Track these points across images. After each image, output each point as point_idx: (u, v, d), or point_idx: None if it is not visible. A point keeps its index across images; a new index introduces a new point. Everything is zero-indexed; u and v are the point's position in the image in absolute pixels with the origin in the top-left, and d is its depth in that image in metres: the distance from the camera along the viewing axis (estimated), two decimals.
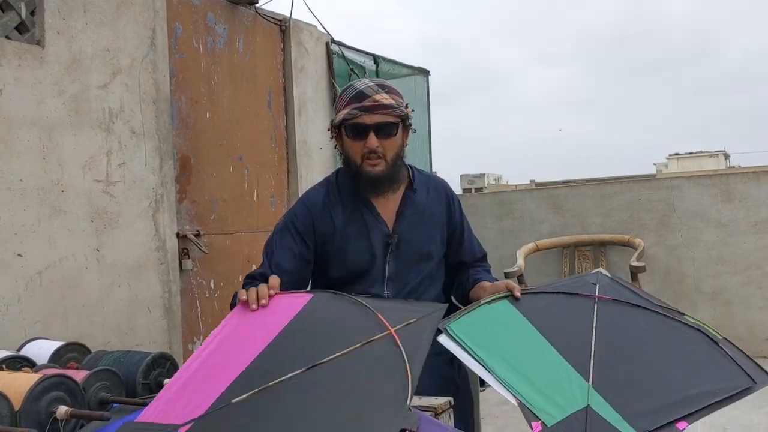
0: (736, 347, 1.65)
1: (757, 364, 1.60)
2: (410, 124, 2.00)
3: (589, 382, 1.45)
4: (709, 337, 1.66)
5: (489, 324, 1.66)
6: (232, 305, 1.81)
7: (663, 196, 5.23)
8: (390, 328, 1.40)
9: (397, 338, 1.36)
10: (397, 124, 1.93)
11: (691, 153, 40.24)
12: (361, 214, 1.99)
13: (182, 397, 1.27)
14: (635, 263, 4.52)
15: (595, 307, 1.72)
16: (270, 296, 1.59)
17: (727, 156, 39.66)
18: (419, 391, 1.59)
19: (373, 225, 1.98)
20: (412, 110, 2.00)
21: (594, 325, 1.64)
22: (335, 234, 1.97)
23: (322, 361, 1.31)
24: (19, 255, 2.51)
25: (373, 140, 1.88)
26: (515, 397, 1.41)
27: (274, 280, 1.66)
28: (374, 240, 1.97)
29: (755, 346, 4.92)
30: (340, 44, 4.52)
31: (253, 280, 1.88)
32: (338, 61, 4.50)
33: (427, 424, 1.21)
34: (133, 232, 2.94)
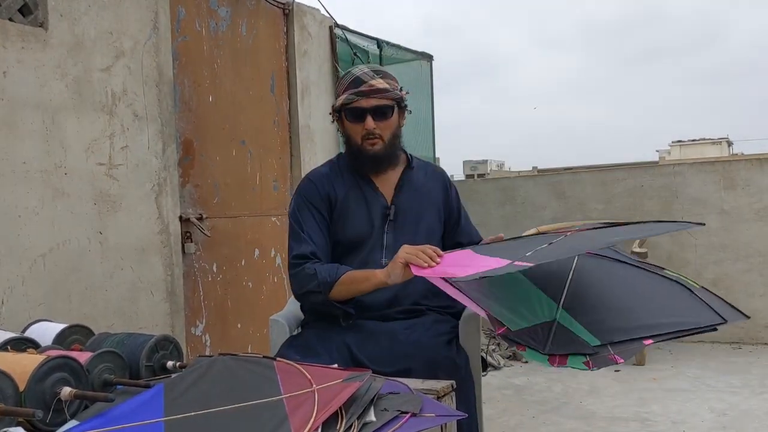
0: (712, 293, 1.71)
1: (731, 305, 1.67)
2: (405, 106, 2.13)
3: (559, 304, 1.54)
4: (685, 286, 1.72)
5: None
6: (326, 284, 1.93)
7: (666, 183, 5.23)
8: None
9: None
10: (392, 106, 2.06)
11: (693, 140, 40.09)
12: (360, 189, 2.12)
13: None
14: (637, 249, 4.52)
15: (576, 257, 1.78)
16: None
17: (730, 143, 39.50)
18: (421, 375, 1.61)
19: (372, 198, 2.11)
20: (407, 92, 2.14)
21: (573, 268, 1.71)
22: (336, 205, 2.10)
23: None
24: (23, 237, 2.52)
25: (370, 122, 2.03)
26: (483, 309, 1.50)
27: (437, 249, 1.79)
28: (373, 211, 2.09)
29: (755, 332, 4.94)
30: (343, 28, 4.50)
31: (305, 259, 1.99)
32: (341, 45, 4.48)
33: (430, 406, 1.22)
34: (135, 215, 2.94)
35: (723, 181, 5.04)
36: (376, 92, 2.01)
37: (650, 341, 1.49)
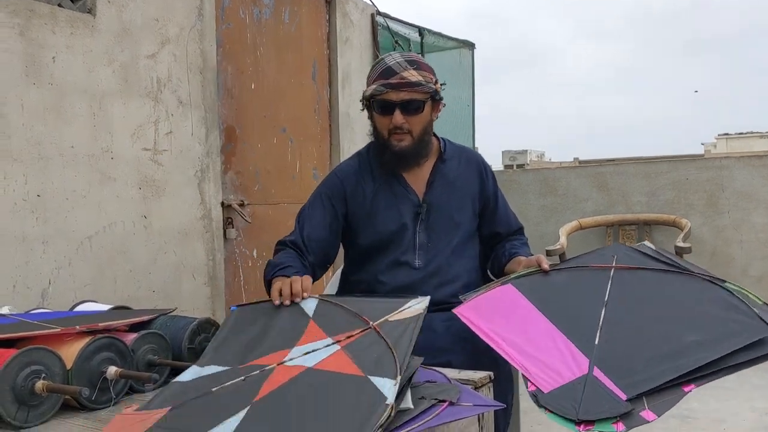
0: None
1: None
2: (440, 99, 2.01)
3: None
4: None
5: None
6: (265, 276, 1.89)
7: (711, 176, 5.11)
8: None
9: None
10: (424, 101, 1.94)
11: (740, 133, 39.07)
12: (390, 185, 2.03)
13: None
14: (681, 244, 4.43)
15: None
16: (303, 297, 1.62)
17: None
18: (459, 365, 1.60)
19: (403, 195, 2.02)
20: (443, 85, 2.02)
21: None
22: (365, 204, 2.02)
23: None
24: (70, 220, 2.58)
25: (398, 117, 1.91)
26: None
27: (308, 281, 1.69)
28: (403, 210, 2.01)
29: None
30: (385, 16, 4.49)
31: (284, 246, 2.01)
32: (383, 33, 4.47)
33: (467, 395, 1.22)
34: (179, 200, 2.99)
35: None
36: (407, 85, 1.89)
37: (692, 386, 1.41)
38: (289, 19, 3.75)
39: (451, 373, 1.42)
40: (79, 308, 1.83)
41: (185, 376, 1.33)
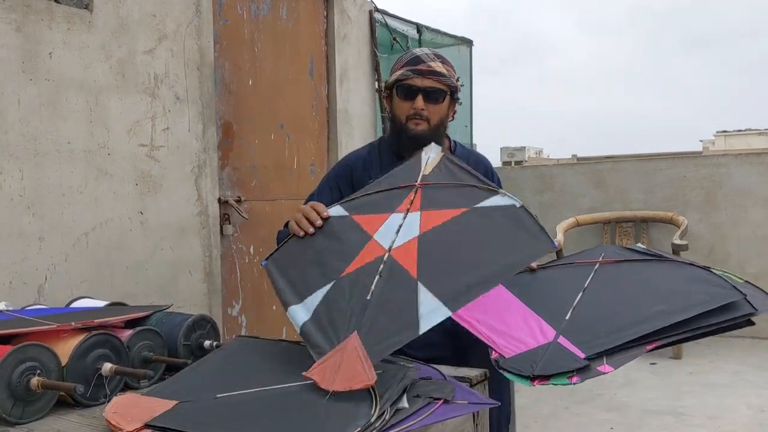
0: (757, 287, 1.58)
1: None
2: (458, 98, 2.08)
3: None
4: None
5: None
6: (279, 239, 1.93)
7: (709, 174, 5.12)
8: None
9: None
10: (445, 92, 2.01)
11: (739, 130, 39.09)
12: None
13: None
14: (678, 241, 4.44)
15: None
16: (323, 218, 1.63)
17: None
18: (457, 363, 1.60)
19: None
20: (462, 84, 2.08)
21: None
22: None
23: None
24: (66, 216, 2.58)
25: (420, 102, 1.98)
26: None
27: (318, 205, 1.68)
28: None
29: None
30: (383, 12, 4.49)
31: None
32: (381, 29, 4.47)
33: (462, 393, 1.22)
34: (176, 196, 2.99)
35: None
36: (432, 74, 1.97)
37: (654, 344, 1.39)
38: (286, 15, 3.75)
39: (447, 370, 1.42)
40: (75, 304, 1.83)
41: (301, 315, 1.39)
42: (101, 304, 1.78)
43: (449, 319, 1.68)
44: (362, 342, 1.26)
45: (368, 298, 1.35)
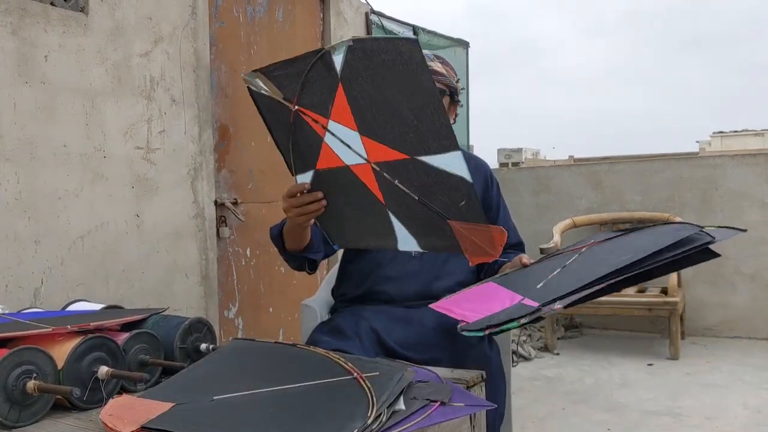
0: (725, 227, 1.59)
1: (732, 227, 1.56)
2: (458, 100, 2.08)
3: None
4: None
5: None
6: (273, 235, 1.93)
7: (705, 175, 5.13)
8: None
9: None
10: (444, 91, 2.01)
11: (735, 131, 39.18)
12: None
13: None
14: None
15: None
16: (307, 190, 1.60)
17: None
18: (453, 365, 1.61)
19: None
20: (462, 88, 2.09)
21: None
22: None
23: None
24: (62, 219, 2.57)
25: None
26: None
27: (293, 187, 1.66)
28: None
29: None
30: (379, 14, 4.49)
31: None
32: (377, 31, 4.47)
33: (459, 395, 1.22)
34: (172, 199, 2.98)
35: (765, 174, 4.93)
36: (432, 74, 1.98)
37: (609, 283, 1.39)
38: (283, 18, 3.75)
39: (443, 372, 1.42)
40: (71, 308, 1.82)
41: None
42: (97, 307, 1.77)
43: (448, 320, 1.69)
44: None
45: (416, 198, 1.36)
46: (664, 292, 4.55)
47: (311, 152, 1.51)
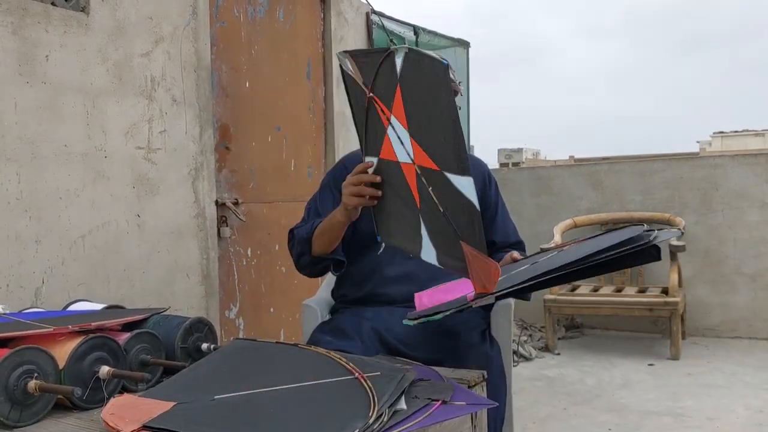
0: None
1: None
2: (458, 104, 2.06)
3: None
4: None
5: None
6: (301, 237, 1.96)
7: (706, 175, 5.13)
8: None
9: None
10: None
11: (736, 131, 39.16)
12: None
13: None
14: (675, 242, 4.45)
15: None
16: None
17: None
18: (454, 364, 1.61)
19: None
20: (461, 94, 2.04)
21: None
22: None
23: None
24: (63, 219, 2.57)
25: None
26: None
27: (361, 166, 1.66)
28: None
29: None
30: (380, 14, 4.49)
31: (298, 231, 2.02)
32: (378, 31, 4.47)
33: (461, 394, 1.22)
34: (173, 198, 2.98)
35: (765, 174, 4.93)
36: None
37: (546, 278, 1.43)
38: (283, 18, 3.75)
39: (445, 371, 1.42)
40: (73, 307, 1.82)
41: None
42: (98, 307, 1.77)
43: (448, 320, 1.69)
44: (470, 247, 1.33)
45: (441, 210, 1.39)
46: (665, 292, 4.55)
47: (377, 140, 1.57)
